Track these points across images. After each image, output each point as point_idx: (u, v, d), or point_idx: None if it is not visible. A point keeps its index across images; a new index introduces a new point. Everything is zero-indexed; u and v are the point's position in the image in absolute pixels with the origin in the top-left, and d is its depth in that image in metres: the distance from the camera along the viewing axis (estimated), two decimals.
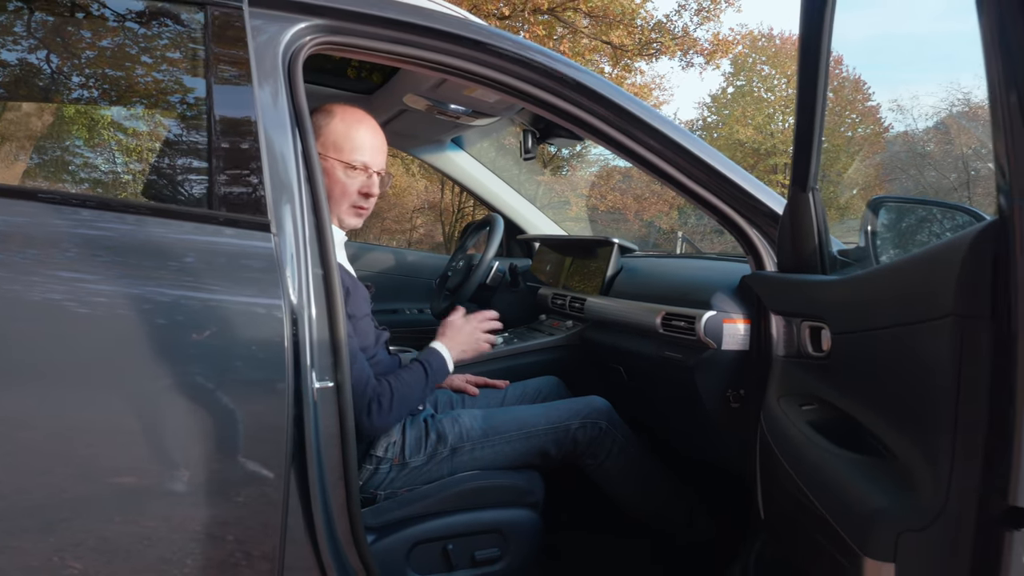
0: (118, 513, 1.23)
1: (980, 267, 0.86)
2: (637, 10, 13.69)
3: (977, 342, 0.87)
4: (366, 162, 1.82)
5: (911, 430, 1.03)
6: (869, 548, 1.00)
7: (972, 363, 0.87)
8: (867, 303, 1.23)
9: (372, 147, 1.84)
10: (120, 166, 1.69)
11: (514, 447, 1.89)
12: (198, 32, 1.49)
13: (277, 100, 1.47)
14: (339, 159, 1.80)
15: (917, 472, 0.99)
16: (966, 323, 0.88)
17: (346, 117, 1.82)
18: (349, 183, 1.82)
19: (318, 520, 1.38)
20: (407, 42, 1.63)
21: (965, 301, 0.88)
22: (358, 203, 1.85)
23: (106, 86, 1.57)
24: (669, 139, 1.77)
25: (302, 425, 1.34)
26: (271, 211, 1.38)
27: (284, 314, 1.31)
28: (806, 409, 1.39)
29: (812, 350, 1.49)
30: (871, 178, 28.35)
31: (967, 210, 1.56)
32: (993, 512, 0.86)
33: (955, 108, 28.62)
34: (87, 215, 1.28)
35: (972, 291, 0.87)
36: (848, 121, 29.27)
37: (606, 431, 1.99)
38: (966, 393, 0.88)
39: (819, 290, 1.45)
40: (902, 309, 1.07)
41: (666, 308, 2.08)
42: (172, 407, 1.24)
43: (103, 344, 1.21)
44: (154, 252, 1.28)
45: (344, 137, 1.81)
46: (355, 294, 1.79)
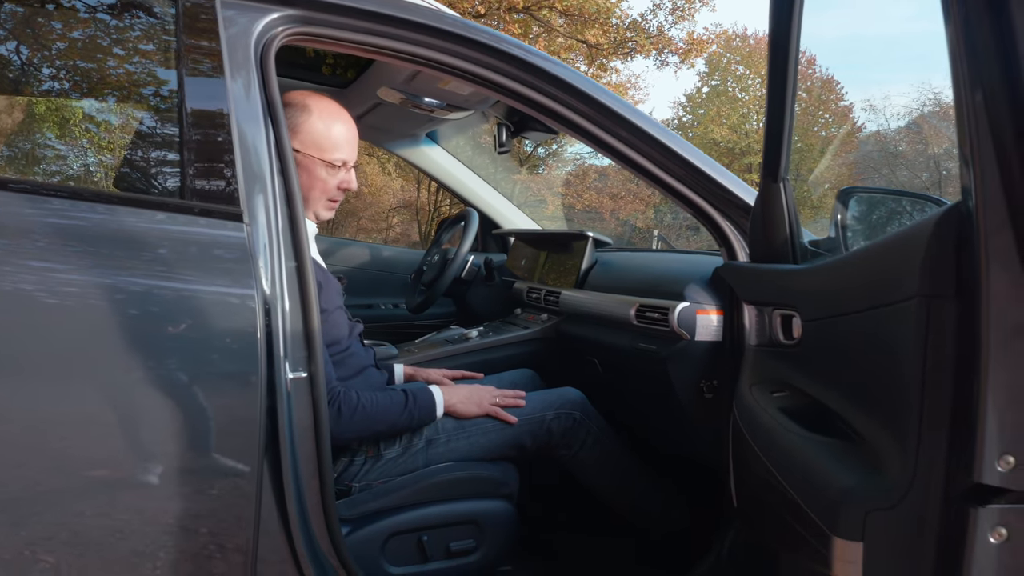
0: (90, 506, 1.22)
1: (944, 248, 0.88)
2: (612, 9, 13.71)
3: (941, 321, 0.88)
4: (345, 159, 1.82)
5: (879, 412, 1.05)
6: (838, 528, 1.01)
7: (937, 342, 0.89)
8: (837, 289, 1.24)
9: (350, 142, 1.83)
10: (92, 157, 1.68)
11: (489, 439, 1.89)
12: (169, 23, 1.47)
13: (249, 91, 1.46)
14: (321, 158, 1.79)
15: (885, 453, 1.00)
16: (931, 303, 0.89)
17: (324, 114, 1.80)
18: (329, 180, 1.81)
19: (292, 512, 1.37)
20: (381, 33, 1.62)
21: (929, 281, 0.89)
22: (335, 197, 1.85)
23: (77, 78, 1.56)
24: (644, 132, 1.77)
25: (275, 416, 1.33)
26: (243, 201, 1.37)
27: (257, 304, 1.30)
28: (777, 396, 1.41)
29: (783, 338, 1.51)
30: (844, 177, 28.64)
31: (935, 200, 1.59)
32: (958, 489, 0.87)
33: (926, 108, 28.98)
34: (58, 204, 1.26)
35: (936, 272, 0.89)
36: (821, 121, 29.55)
37: (580, 421, 1.99)
38: (931, 372, 0.89)
39: (790, 279, 1.47)
40: (870, 293, 1.08)
41: (640, 300, 2.09)
42: (143, 398, 1.22)
43: (74, 335, 1.19)
44: (126, 242, 1.26)
45: (324, 136, 1.79)
46: (327, 287, 1.78)
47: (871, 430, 1.07)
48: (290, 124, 1.74)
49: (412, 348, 2.67)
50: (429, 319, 3.29)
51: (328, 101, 1.84)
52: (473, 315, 3.18)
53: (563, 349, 2.60)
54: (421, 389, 1.86)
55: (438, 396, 1.86)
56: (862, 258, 1.17)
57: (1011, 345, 0.81)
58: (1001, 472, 0.82)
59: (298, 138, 1.76)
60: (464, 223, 2.94)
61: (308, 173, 1.79)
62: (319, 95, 1.84)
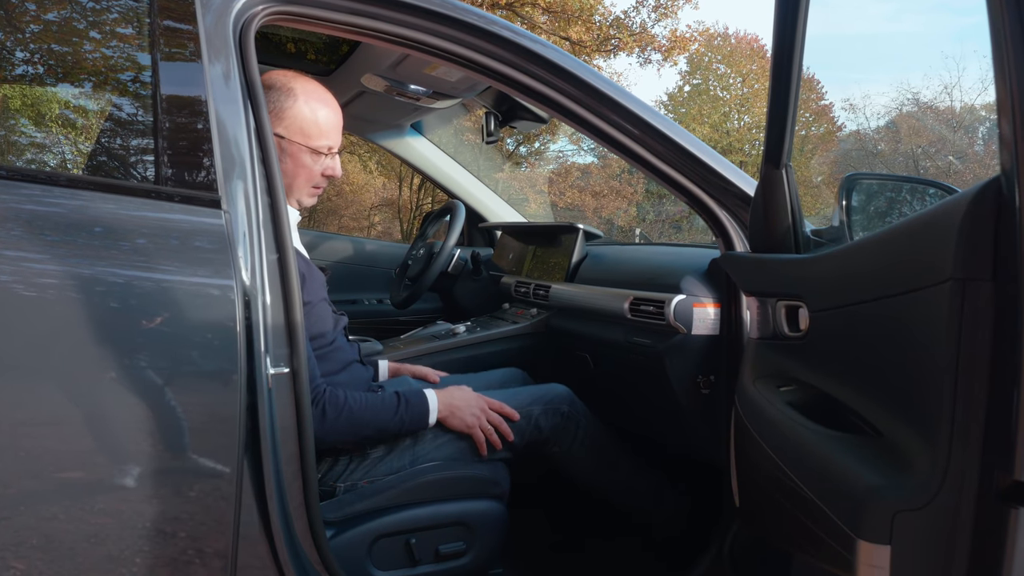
0: (62, 510, 1.16)
1: (981, 227, 0.82)
2: (595, 6, 13.71)
3: (978, 306, 0.82)
4: (331, 145, 1.76)
5: (901, 406, 0.99)
6: (863, 530, 0.95)
7: (972, 329, 0.83)
8: (850, 277, 1.18)
9: (336, 127, 1.76)
10: (64, 142, 1.60)
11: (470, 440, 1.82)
12: (144, 1, 1.41)
13: (228, 73, 1.40)
14: (306, 145, 1.72)
15: (910, 449, 0.94)
16: (967, 286, 0.83)
17: (310, 98, 1.73)
18: (314, 167, 1.75)
19: (273, 515, 1.32)
20: (367, 14, 1.56)
21: (964, 263, 0.83)
22: (319, 184, 1.79)
23: (51, 61, 1.50)
24: (638, 118, 1.73)
25: (256, 414, 1.28)
26: (222, 187, 1.32)
27: (236, 296, 1.25)
28: (784, 390, 1.35)
29: (788, 330, 1.45)
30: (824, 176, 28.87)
31: (941, 185, 1.54)
32: (995, 488, 0.81)
33: (905, 107, 29.26)
34: (31, 190, 1.20)
35: (972, 252, 0.82)
36: (802, 120, 29.76)
37: (569, 416, 1.91)
38: (966, 362, 0.83)
39: (796, 268, 1.41)
40: (890, 279, 1.02)
41: (634, 293, 2.04)
42: (117, 395, 1.17)
43: (44, 327, 1.14)
44: (99, 229, 1.20)
45: (311, 122, 1.72)
46: (310, 279, 1.71)
47: (892, 425, 1.01)
48: (273, 108, 1.68)
49: (398, 344, 2.60)
50: (415, 314, 3.22)
51: (314, 84, 1.76)
52: (460, 310, 3.12)
53: (553, 344, 2.54)
54: (414, 393, 1.77)
55: (432, 402, 1.77)
56: (881, 242, 1.11)
57: None
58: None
59: (282, 124, 1.69)
60: (450, 216, 2.87)
61: (293, 160, 1.72)
62: (304, 76, 1.77)
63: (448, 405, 1.77)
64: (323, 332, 1.74)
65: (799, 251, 1.53)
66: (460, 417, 1.77)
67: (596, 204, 21.82)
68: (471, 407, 1.79)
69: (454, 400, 1.79)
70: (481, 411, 1.79)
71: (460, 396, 1.81)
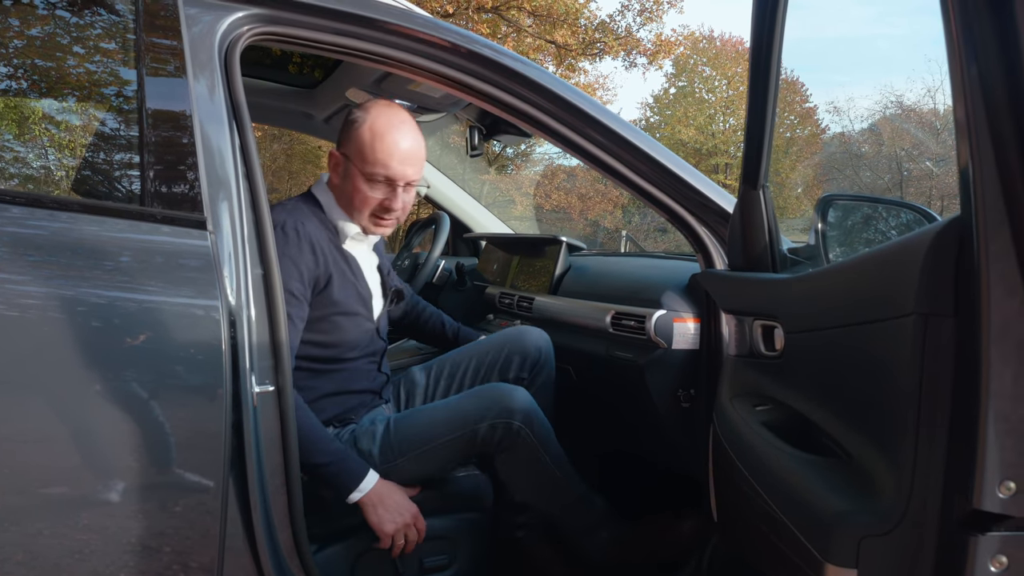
0: (48, 526, 1.17)
1: (943, 264, 0.85)
2: (581, 10, 13.76)
3: (940, 341, 0.85)
4: (390, 175, 1.75)
5: (871, 431, 1.02)
6: (831, 554, 0.98)
7: (934, 363, 0.86)
8: (822, 302, 1.21)
9: (400, 159, 1.75)
10: (50, 161, 1.61)
11: (422, 466, 1.77)
12: (130, 21, 1.42)
13: (213, 92, 1.42)
14: (360, 169, 1.74)
15: (878, 474, 0.97)
16: (929, 321, 0.86)
17: (376, 124, 1.74)
18: (370, 194, 1.76)
19: (258, 529, 1.33)
20: (350, 34, 1.58)
21: (927, 299, 0.86)
22: (379, 214, 1.79)
23: (35, 77, 1.51)
24: (618, 135, 1.75)
25: (241, 431, 1.29)
26: (207, 208, 1.33)
27: (222, 316, 1.27)
28: (760, 410, 1.37)
29: (765, 349, 1.48)
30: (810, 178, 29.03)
31: (915, 208, 1.57)
32: (957, 515, 0.84)
33: (888, 110, 29.47)
34: (17, 212, 1.21)
35: (934, 289, 0.85)
36: (787, 122, 29.90)
37: (517, 431, 1.77)
38: (928, 393, 0.86)
39: (772, 288, 1.44)
40: (859, 308, 1.05)
41: (616, 307, 2.06)
42: (103, 413, 1.18)
43: (32, 348, 1.15)
44: (85, 251, 1.21)
45: (369, 147, 1.73)
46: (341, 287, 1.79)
47: (861, 450, 1.04)
48: (346, 126, 1.79)
49: None
50: None
51: (390, 113, 1.78)
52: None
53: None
54: (361, 464, 1.66)
55: (367, 483, 1.64)
56: (850, 271, 1.14)
57: (1013, 366, 0.78)
58: (1002, 498, 0.79)
59: (348, 143, 1.77)
60: (435, 227, 2.89)
61: (349, 181, 1.77)
62: (389, 105, 1.82)
63: (379, 496, 1.65)
64: (334, 344, 1.79)
65: (776, 269, 1.56)
66: (381, 516, 1.64)
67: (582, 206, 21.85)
68: (398, 514, 1.66)
69: (387, 499, 1.66)
70: (404, 525, 1.66)
71: (396, 500, 1.68)
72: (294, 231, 1.71)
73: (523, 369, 2.04)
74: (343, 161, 1.79)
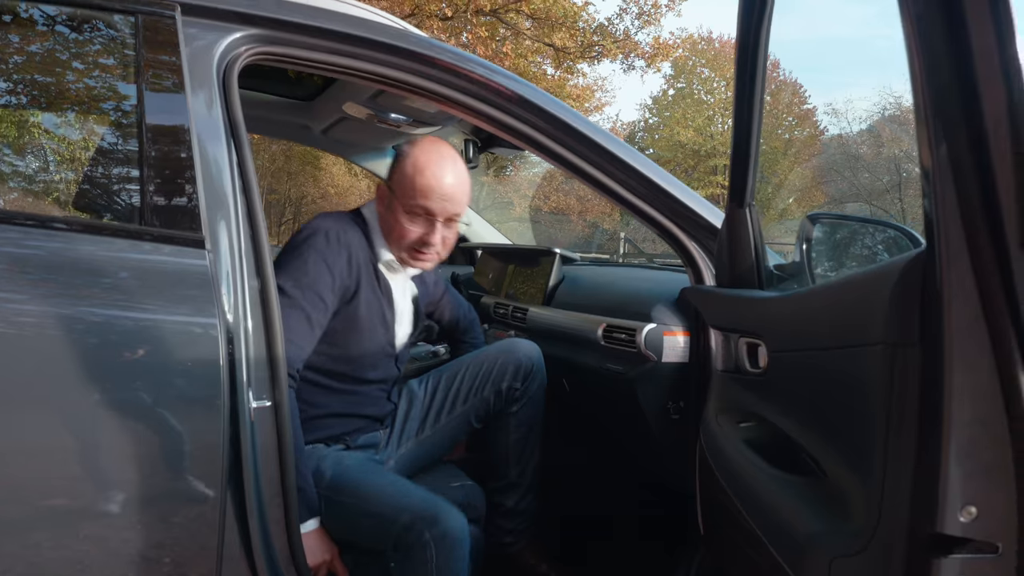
0: (49, 538, 1.20)
1: (909, 296, 0.88)
2: (579, 13, 13.76)
3: (906, 369, 0.88)
4: (429, 209, 1.76)
5: (844, 453, 1.05)
6: (803, 573, 1.01)
7: (902, 391, 0.89)
8: (802, 324, 1.25)
9: (441, 193, 1.76)
10: (51, 179, 1.64)
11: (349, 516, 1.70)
12: (130, 41, 1.45)
13: (212, 112, 1.44)
14: (402, 202, 1.76)
15: (850, 495, 1.01)
16: (896, 351, 0.89)
17: (419, 159, 1.77)
18: (409, 227, 1.77)
19: (255, 539, 1.36)
20: (346, 53, 1.61)
21: (894, 330, 0.89)
22: (418, 248, 1.80)
23: (35, 93, 1.53)
24: (608, 151, 1.77)
25: (239, 445, 1.32)
26: (205, 227, 1.35)
27: (219, 333, 1.29)
28: (744, 427, 1.41)
29: (749, 366, 1.51)
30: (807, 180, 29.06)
31: (898, 228, 1.60)
32: (922, 538, 0.88)
33: (887, 112, 29.52)
34: (16, 233, 1.24)
35: (901, 320, 0.89)
36: (786, 124, 29.95)
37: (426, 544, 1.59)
38: (895, 419, 0.90)
39: (756, 306, 1.47)
40: (835, 332, 1.08)
41: (607, 320, 2.09)
42: (104, 429, 1.21)
43: (34, 365, 1.18)
44: (86, 270, 1.24)
45: (410, 181, 1.75)
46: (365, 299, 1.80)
47: (837, 470, 1.07)
48: (393, 160, 1.83)
49: None
50: None
51: (435, 148, 1.81)
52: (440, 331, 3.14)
53: None
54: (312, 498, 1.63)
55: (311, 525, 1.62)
56: (828, 295, 1.17)
57: (971, 392, 0.81)
58: (963, 522, 0.83)
59: (392, 177, 1.80)
60: None
61: (391, 212, 1.79)
62: (435, 140, 1.85)
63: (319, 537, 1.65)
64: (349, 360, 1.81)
65: (762, 286, 1.59)
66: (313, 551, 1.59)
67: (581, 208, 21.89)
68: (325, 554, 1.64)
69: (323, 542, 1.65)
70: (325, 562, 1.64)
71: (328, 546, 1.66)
72: (335, 236, 1.74)
73: (516, 379, 2.07)
74: (388, 194, 1.81)
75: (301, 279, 1.68)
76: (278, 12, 1.54)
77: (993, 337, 0.79)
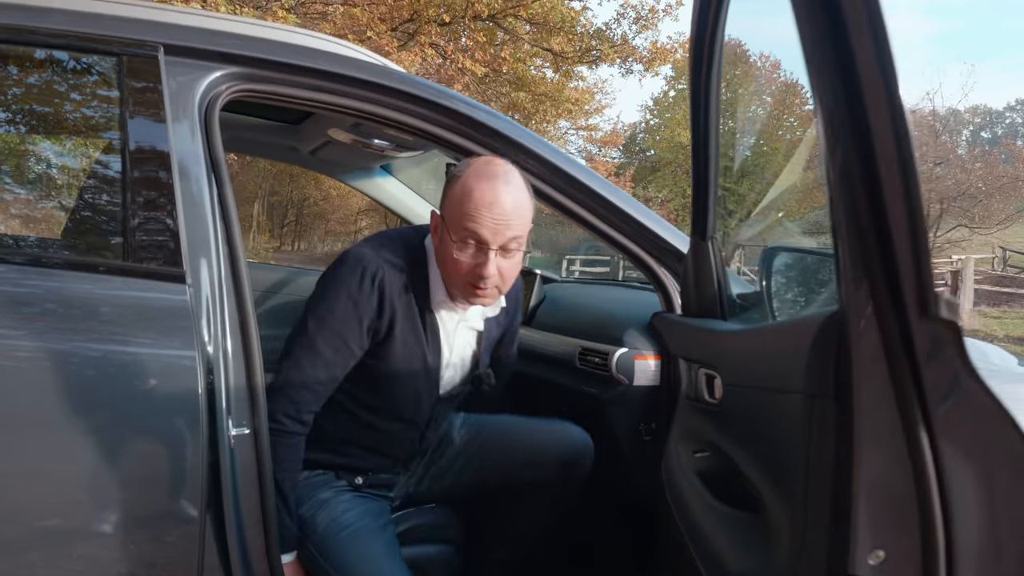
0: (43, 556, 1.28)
1: (825, 352, 0.94)
2: (576, 18, 13.80)
3: (823, 419, 0.95)
4: (480, 237, 1.53)
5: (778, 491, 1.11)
6: None
7: (819, 439, 0.95)
8: (748, 360, 1.31)
9: (492, 218, 1.52)
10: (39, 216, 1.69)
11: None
12: (113, 80, 1.50)
13: (193, 148, 1.48)
14: (451, 229, 1.56)
15: (781, 531, 1.07)
16: (814, 401, 0.95)
17: (469, 179, 1.55)
18: (460, 258, 1.55)
19: (235, 563, 1.40)
20: (326, 90, 1.65)
21: (813, 382, 0.96)
22: (473, 282, 1.57)
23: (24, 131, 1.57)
24: (583, 185, 1.82)
25: (218, 470, 1.37)
26: (186, 262, 1.40)
27: (199, 364, 1.34)
28: (699, 456, 1.46)
29: (708, 396, 1.57)
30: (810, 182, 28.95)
31: None
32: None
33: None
34: (7, 272, 1.30)
35: (819, 373, 0.95)
36: (786, 125, 29.92)
37: None
38: (814, 465, 0.96)
39: (712, 339, 1.53)
40: (771, 375, 1.15)
41: (582, 344, 2.14)
42: (86, 458, 1.27)
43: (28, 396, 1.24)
44: (70, 306, 1.31)
45: (458, 205, 1.54)
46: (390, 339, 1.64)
47: (773, 506, 1.13)
48: (446, 182, 1.65)
49: None
50: None
51: (487, 167, 1.58)
52: None
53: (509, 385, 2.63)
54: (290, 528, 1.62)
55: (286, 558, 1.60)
56: (766, 338, 1.23)
57: (879, 444, 0.87)
58: (872, 565, 0.89)
59: (443, 202, 1.61)
60: None
61: (444, 244, 1.59)
62: (489, 159, 1.63)
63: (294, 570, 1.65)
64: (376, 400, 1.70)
65: (724, 316, 1.65)
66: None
67: None
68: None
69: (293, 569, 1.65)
70: None
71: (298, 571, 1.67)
72: (370, 275, 1.59)
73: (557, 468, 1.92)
74: (440, 223, 1.61)
75: (326, 318, 1.59)
76: (258, 51, 1.58)
77: (898, 396, 0.85)
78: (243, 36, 1.62)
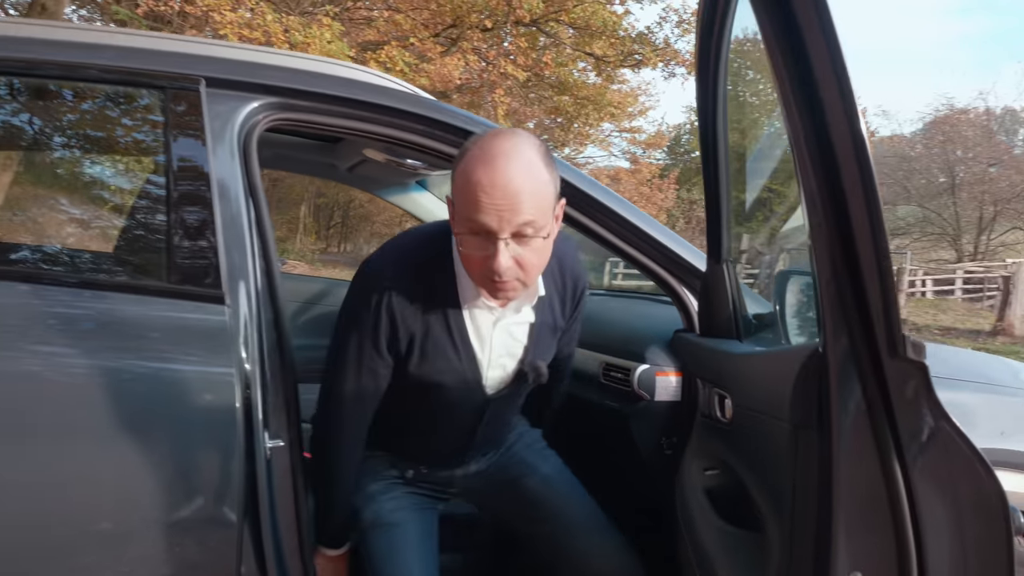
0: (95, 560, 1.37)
1: (808, 385, 1.00)
2: (618, 22, 13.77)
3: (807, 449, 1.00)
4: (482, 222, 1.31)
5: (774, 515, 1.17)
6: None
7: (804, 466, 1.01)
8: (753, 384, 1.36)
9: (493, 200, 1.29)
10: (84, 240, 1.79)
11: None
12: (159, 112, 1.59)
13: (233, 174, 1.56)
14: (458, 215, 1.36)
15: (771, 552, 1.13)
16: (799, 431, 1.01)
17: (471, 158, 1.33)
18: (468, 251, 1.38)
19: (270, 563, 1.49)
20: (359, 118, 1.72)
21: (798, 413, 1.02)
22: (489, 276, 1.37)
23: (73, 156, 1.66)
24: (601, 204, 1.86)
25: (254, 480, 1.45)
26: (225, 283, 1.48)
27: (236, 380, 1.42)
28: (709, 474, 1.52)
29: (719, 415, 1.62)
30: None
31: None
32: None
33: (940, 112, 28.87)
34: (60, 295, 1.41)
35: (803, 405, 1.01)
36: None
37: None
38: (799, 491, 1.02)
39: (724, 361, 1.58)
40: (765, 401, 1.20)
41: (606, 359, 2.19)
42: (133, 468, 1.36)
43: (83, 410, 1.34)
44: (115, 326, 1.40)
45: (461, 187, 1.34)
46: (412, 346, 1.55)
47: (769, 527, 1.19)
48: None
49: None
50: None
51: (494, 141, 1.35)
52: None
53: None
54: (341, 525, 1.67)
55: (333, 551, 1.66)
56: (765, 365, 1.29)
57: (858, 478, 0.93)
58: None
59: (452, 183, 1.40)
60: None
61: (455, 230, 1.40)
62: (497, 131, 1.40)
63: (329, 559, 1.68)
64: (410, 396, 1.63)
65: (740, 336, 1.70)
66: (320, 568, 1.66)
67: None
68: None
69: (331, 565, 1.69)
70: None
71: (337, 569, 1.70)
72: (375, 304, 1.50)
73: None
74: (451, 207, 1.40)
75: (346, 346, 1.56)
76: (294, 82, 1.66)
77: (874, 430, 0.91)
78: (279, 67, 1.69)
